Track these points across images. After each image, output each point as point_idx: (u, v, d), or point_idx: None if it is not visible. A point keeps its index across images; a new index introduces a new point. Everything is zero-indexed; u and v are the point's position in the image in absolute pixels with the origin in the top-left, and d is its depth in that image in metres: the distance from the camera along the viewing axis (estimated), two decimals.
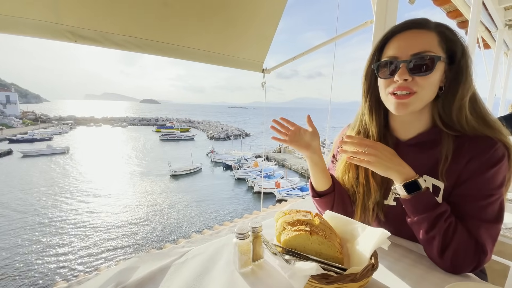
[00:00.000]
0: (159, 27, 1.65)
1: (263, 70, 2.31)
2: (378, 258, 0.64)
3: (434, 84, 0.70)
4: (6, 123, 53.12)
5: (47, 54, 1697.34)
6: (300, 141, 0.89)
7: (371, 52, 0.80)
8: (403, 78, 0.68)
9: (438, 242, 0.68)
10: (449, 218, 0.68)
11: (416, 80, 0.69)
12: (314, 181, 0.93)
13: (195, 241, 0.95)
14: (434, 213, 0.67)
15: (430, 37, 0.69)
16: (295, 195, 18.56)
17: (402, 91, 0.70)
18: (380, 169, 0.71)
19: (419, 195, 0.69)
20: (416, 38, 0.69)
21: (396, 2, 1.46)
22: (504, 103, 5.24)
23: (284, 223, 0.69)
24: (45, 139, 41.92)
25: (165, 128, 58.64)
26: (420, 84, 0.69)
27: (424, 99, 0.71)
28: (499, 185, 0.68)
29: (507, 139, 0.69)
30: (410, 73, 0.68)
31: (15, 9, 1.22)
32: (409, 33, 0.71)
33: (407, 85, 0.69)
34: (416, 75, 0.68)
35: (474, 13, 2.58)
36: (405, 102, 0.70)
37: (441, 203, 0.70)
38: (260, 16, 2.04)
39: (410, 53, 0.69)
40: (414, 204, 0.71)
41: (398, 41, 0.72)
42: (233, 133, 53.94)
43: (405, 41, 0.71)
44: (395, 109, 0.73)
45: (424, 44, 0.68)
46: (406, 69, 0.68)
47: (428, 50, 0.67)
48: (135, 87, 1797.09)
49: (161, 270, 0.74)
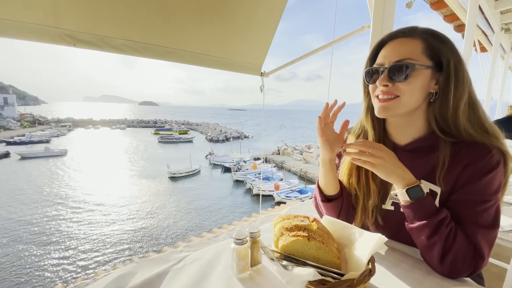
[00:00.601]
0: (157, 31, 1.66)
1: (262, 73, 2.32)
2: (376, 263, 0.64)
3: (417, 90, 0.73)
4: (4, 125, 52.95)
5: (46, 56, 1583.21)
6: (330, 140, 0.84)
7: (366, 59, 0.85)
8: (382, 83, 0.74)
9: (439, 248, 0.68)
10: (449, 224, 0.68)
11: (398, 85, 0.73)
12: (325, 185, 0.91)
13: (194, 245, 0.95)
14: (436, 219, 0.68)
15: (414, 45, 0.72)
16: (294, 198, 18.55)
17: (384, 95, 0.75)
18: (384, 172, 0.72)
19: (421, 201, 0.69)
20: (400, 46, 0.74)
21: (393, 8, 1.48)
22: (501, 105, 5.29)
23: (282, 228, 0.69)
24: (43, 141, 41.82)
25: (164, 130, 58.56)
26: (401, 89, 0.73)
27: (407, 104, 0.74)
28: (495, 191, 0.68)
29: (503, 146, 0.70)
30: (390, 79, 0.73)
31: (14, 13, 1.23)
32: (395, 41, 0.75)
33: (389, 90, 0.74)
34: (396, 81, 0.72)
35: (471, 17, 2.61)
36: (385, 105, 0.75)
37: (442, 209, 0.70)
38: (259, 20, 2.05)
39: (392, 60, 0.73)
40: (415, 210, 0.71)
41: (385, 50, 0.77)
42: (232, 135, 53.98)
43: (390, 49, 0.76)
44: (378, 112, 0.78)
45: (406, 52, 0.72)
46: (387, 75, 0.73)
47: (409, 57, 0.71)
48: (134, 89, 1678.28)
49: (159, 276, 0.74)
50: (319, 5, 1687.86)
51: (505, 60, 5.03)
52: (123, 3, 1.47)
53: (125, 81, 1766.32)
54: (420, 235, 0.71)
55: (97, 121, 75.91)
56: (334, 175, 0.89)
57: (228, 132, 58.25)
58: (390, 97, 0.74)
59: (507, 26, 3.77)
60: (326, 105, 0.82)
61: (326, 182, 0.90)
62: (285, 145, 38.50)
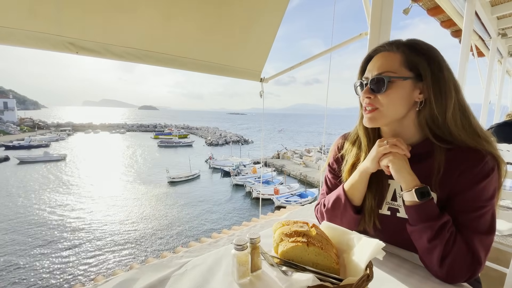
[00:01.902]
0: (159, 38, 1.68)
1: (261, 79, 2.35)
2: (374, 268, 0.65)
3: (397, 101, 0.77)
4: (4, 129, 52.93)
5: (46, 60, 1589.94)
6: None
7: (358, 72, 0.89)
8: (365, 96, 0.80)
9: (439, 251, 0.69)
10: (450, 229, 0.69)
11: (378, 97, 0.78)
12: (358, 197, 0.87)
13: (194, 250, 0.96)
14: (438, 223, 0.69)
15: (393, 59, 0.77)
16: (294, 202, 18.49)
17: (368, 106, 0.81)
18: (398, 166, 0.74)
19: (427, 203, 0.70)
20: (380, 60, 0.79)
21: (389, 15, 1.51)
22: (499, 109, 5.32)
23: (282, 234, 0.70)
24: (42, 145, 41.74)
25: (163, 135, 58.54)
26: (380, 101, 0.78)
27: (388, 114, 0.79)
28: (490, 197, 0.70)
29: (496, 152, 0.72)
30: (372, 91, 0.79)
31: (18, 21, 1.25)
32: (378, 56, 0.81)
33: (371, 102, 0.80)
34: (376, 93, 0.78)
35: (467, 23, 2.64)
36: (370, 116, 0.81)
37: (444, 213, 0.71)
38: (259, 26, 2.08)
39: (374, 74, 0.78)
40: (420, 212, 0.72)
41: (370, 64, 0.82)
42: (231, 139, 53.97)
43: (373, 64, 0.81)
44: (365, 122, 0.84)
45: (385, 66, 0.77)
46: (369, 88, 0.79)
47: (388, 70, 0.76)
48: (133, 94, 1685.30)
49: (160, 282, 0.75)
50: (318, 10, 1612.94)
51: (503, 64, 5.07)
52: (125, 11, 1.50)
53: (125, 86, 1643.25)
54: (422, 237, 0.72)
55: (97, 125, 75.88)
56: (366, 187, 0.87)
57: (228, 136, 58.29)
58: (373, 108, 0.80)
59: (503, 31, 3.81)
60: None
61: (359, 194, 0.87)
62: (284, 149, 38.51)
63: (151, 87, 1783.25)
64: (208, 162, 32.26)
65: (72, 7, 1.35)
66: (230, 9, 1.81)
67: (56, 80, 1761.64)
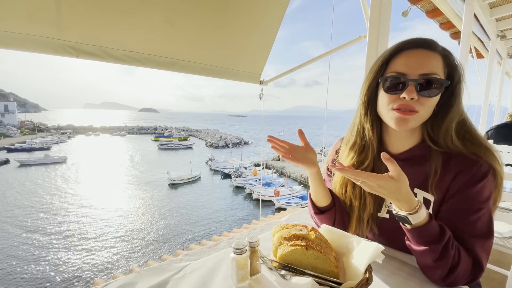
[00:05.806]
0: (159, 42, 1.69)
1: (261, 82, 2.35)
2: (374, 272, 0.65)
3: (433, 106, 0.72)
4: (4, 132, 53.04)
5: (46, 63, 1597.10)
6: (299, 157, 0.86)
7: (377, 64, 0.77)
8: (411, 96, 0.68)
9: (445, 269, 0.67)
10: (453, 244, 0.67)
11: (420, 100, 0.69)
12: (315, 196, 0.92)
13: (193, 253, 0.96)
14: (441, 244, 0.65)
15: (437, 60, 0.70)
16: (295, 204, 18.45)
17: (405, 108, 0.70)
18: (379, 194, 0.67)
19: (425, 226, 0.65)
20: (425, 58, 0.69)
21: (388, 17, 1.51)
22: (498, 110, 5.33)
23: (281, 237, 0.70)
24: (43, 148, 41.81)
25: (164, 137, 58.54)
26: (423, 104, 0.70)
27: (423, 119, 0.73)
28: (486, 199, 0.69)
29: (492, 161, 0.71)
30: (417, 92, 0.69)
31: (18, 25, 1.25)
32: (418, 51, 0.70)
33: (412, 103, 0.69)
34: (422, 95, 0.69)
35: (466, 25, 2.65)
36: (406, 118, 0.71)
37: (444, 230, 0.67)
38: (258, 29, 2.09)
39: (419, 72, 0.68)
40: (419, 235, 0.67)
41: (407, 58, 0.71)
42: (231, 141, 53.96)
43: (414, 59, 0.70)
44: (396, 124, 0.73)
45: (432, 66, 0.69)
46: (415, 88, 0.69)
47: (436, 72, 0.69)
48: (134, 96, 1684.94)
49: (159, 286, 0.75)
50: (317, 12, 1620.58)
51: (502, 66, 5.08)
52: (125, 15, 1.51)
53: (126, 88, 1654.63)
54: (425, 258, 0.69)
55: (98, 128, 76.07)
56: (323, 187, 0.89)
57: (228, 138, 58.26)
58: (412, 110, 0.70)
59: (502, 33, 3.82)
60: (270, 139, 0.87)
61: (314, 193, 0.92)
62: None
63: (151, 89, 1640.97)
64: (208, 164, 32.25)
65: (72, 11, 1.35)
66: (230, 12, 1.82)
67: (56, 83, 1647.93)
